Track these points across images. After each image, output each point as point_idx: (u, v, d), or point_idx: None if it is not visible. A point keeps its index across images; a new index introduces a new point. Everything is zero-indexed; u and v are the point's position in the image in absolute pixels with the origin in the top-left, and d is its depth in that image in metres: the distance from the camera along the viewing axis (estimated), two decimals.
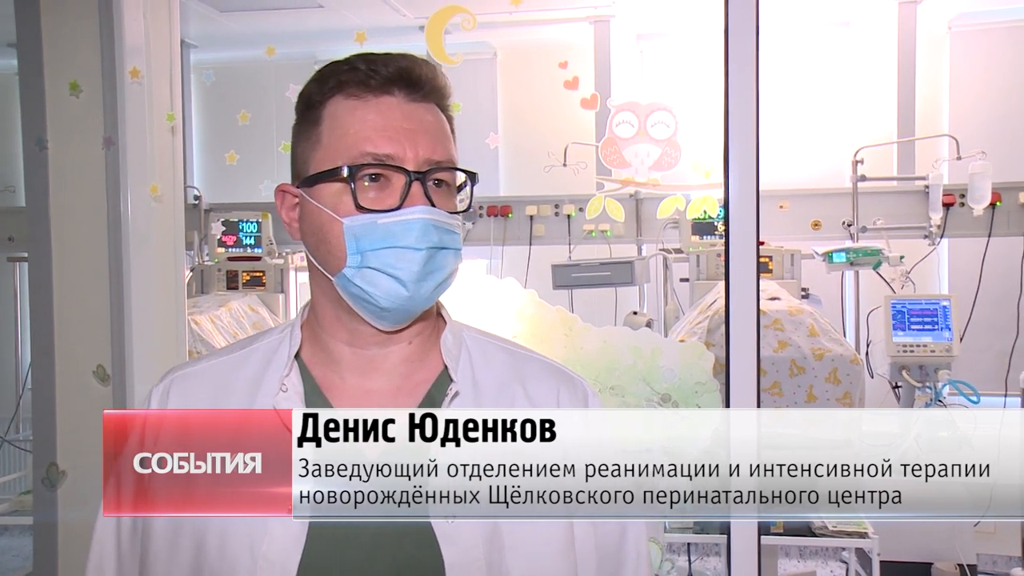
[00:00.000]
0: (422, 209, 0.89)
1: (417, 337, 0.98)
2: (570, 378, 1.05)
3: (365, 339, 0.96)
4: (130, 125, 2.19)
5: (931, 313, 3.39)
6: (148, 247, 2.27)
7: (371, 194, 0.90)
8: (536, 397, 1.00)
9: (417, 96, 0.93)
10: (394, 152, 0.90)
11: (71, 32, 2.18)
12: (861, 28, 4.48)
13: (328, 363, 0.97)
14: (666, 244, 3.70)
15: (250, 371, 0.98)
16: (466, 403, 0.96)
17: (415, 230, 0.89)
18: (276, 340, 1.00)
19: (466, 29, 1.86)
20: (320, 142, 0.93)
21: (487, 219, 3.92)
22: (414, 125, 0.91)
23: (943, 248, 4.16)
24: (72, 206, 2.26)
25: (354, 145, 0.90)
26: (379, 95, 0.92)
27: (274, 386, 0.95)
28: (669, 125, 2.02)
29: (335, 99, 0.93)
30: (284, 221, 0.98)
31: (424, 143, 0.91)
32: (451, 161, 0.94)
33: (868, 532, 2.65)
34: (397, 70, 0.92)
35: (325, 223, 0.91)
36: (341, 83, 0.92)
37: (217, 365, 1.01)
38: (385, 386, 0.96)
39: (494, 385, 0.99)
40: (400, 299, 0.91)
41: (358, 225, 0.90)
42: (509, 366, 1.02)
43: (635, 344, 2.07)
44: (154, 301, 2.30)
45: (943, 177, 3.82)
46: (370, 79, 0.91)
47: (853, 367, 2.79)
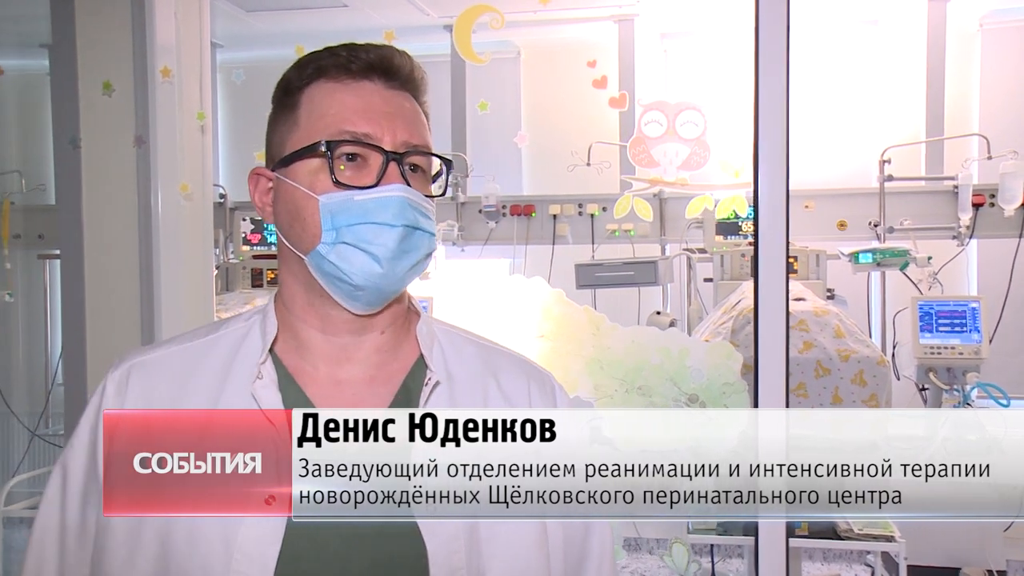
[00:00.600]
0: (398, 187, 0.90)
1: (390, 327, 0.97)
2: (539, 372, 1.06)
3: (338, 326, 0.94)
4: (161, 124, 2.22)
5: (960, 315, 3.35)
6: (178, 244, 2.30)
7: (348, 172, 0.90)
8: (509, 391, 1.00)
9: (395, 84, 0.94)
10: (372, 132, 0.90)
11: (104, 33, 2.21)
12: (890, 26, 4.44)
13: (299, 351, 0.95)
14: (690, 244, 3.69)
15: (217, 358, 0.95)
16: (442, 393, 0.96)
17: (392, 207, 0.89)
18: (244, 327, 0.98)
19: (494, 28, 1.86)
20: (298, 124, 0.93)
21: (510, 218, 3.92)
22: (392, 109, 0.92)
23: (972, 249, 4.11)
24: (104, 204, 2.29)
25: (332, 124, 0.90)
26: (359, 80, 0.92)
27: (245, 373, 0.93)
28: (698, 124, 2.01)
29: (314, 84, 0.93)
30: (256, 205, 0.98)
31: (401, 126, 0.91)
32: (427, 147, 0.94)
33: (895, 535, 2.62)
34: (378, 57, 0.93)
35: (299, 200, 0.91)
36: (321, 68, 0.93)
37: (180, 352, 0.97)
38: (359, 375, 0.95)
39: (467, 377, 0.99)
40: (374, 276, 0.90)
41: (334, 202, 0.89)
42: (480, 358, 1.02)
43: (663, 344, 2.06)
44: (183, 298, 2.32)
45: (972, 177, 3.77)
46: (350, 64, 0.92)
47: (880, 369, 2.76)
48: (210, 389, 0.93)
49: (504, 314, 2.05)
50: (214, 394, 0.93)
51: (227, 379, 0.93)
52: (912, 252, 3.47)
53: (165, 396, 0.93)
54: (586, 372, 2.05)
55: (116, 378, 0.95)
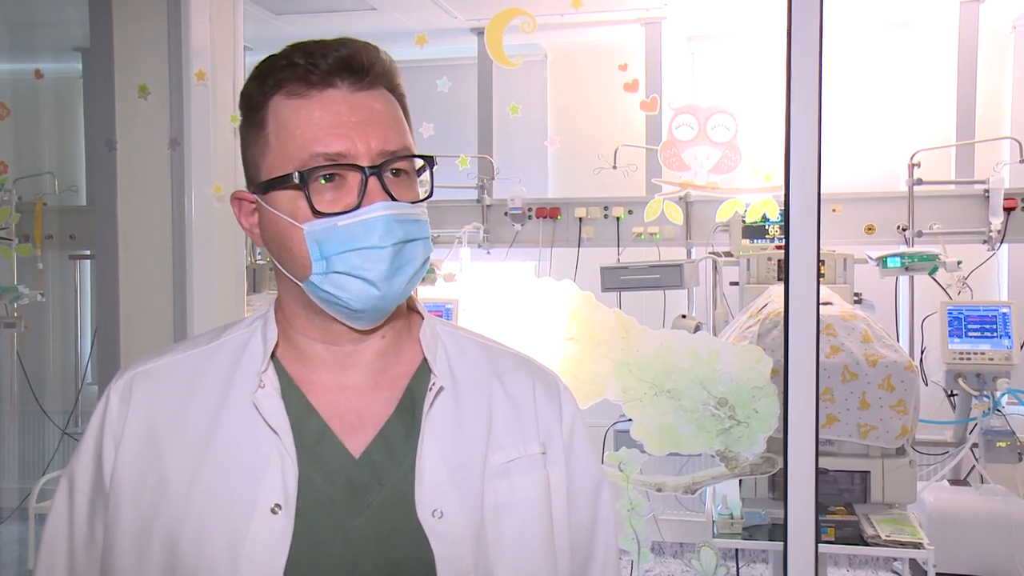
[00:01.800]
0: (382, 205, 0.86)
1: (391, 331, 0.96)
2: (544, 372, 1.05)
3: (339, 336, 0.93)
4: (195, 126, 2.25)
5: (990, 320, 3.32)
6: (210, 245, 2.33)
7: (327, 195, 0.87)
8: (513, 390, 0.99)
9: (362, 84, 0.89)
10: (345, 149, 0.86)
11: (141, 37, 2.25)
12: (920, 29, 4.39)
13: (301, 359, 0.95)
14: (716, 247, 3.67)
15: (220, 366, 0.94)
16: (447, 397, 0.95)
17: (378, 228, 0.86)
18: (245, 334, 0.97)
19: (526, 32, 1.87)
20: (268, 146, 0.89)
21: (536, 221, 3.92)
22: (362, 117, 0.87)
23: (1003, 253, 4.06)
24: (138, 205, 2.33)
25: (303, 147, 0.86)
26: (322, 89, 0.87)
27: (248, 382, 0.91)
28: (729, 128, 2.01)
29: (276, 98, 0.89)
30: (244, 228, 0.95)
31: (375, 135, 0.87)
32: (406, 149, 0.90)
33: (924, 543, 2.59)
34: (337, 60, 0.87)
35: (284, 230, 0.88)
36: (280, 80, 0.88)
37: (183, 360, 0.96)
38: (362, 381, 0.94)
39: (471, 379, 0.98)
40: (372, 299, 0.88)
41: (318, 230, 0.86)
42: (484, 359, 1.01)
43: (692, 347, 2.06)
44: (215, 298, 2.35)
45: (1004, 180, 3.72)
46: (310, 74, 0.87)
47: (908, 374, 2.74)
48: (213, 398, 0.92)
49: (532, 316, 2.05)
50: (217, 403, 0.92)
51: (230, 388, 0.92)
52: (941, 256, 3.43)
53: (168, 405, 0.92)
54: (614, 375, 2.05)
55: (119, 388, 0.94)
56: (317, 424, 0.92)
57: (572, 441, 1.03)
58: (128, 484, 0.90)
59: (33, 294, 3.52)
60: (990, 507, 3.19)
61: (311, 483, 0.89)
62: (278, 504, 0.87)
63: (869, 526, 2.67)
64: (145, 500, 0.89)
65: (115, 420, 0.93)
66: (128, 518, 0.90)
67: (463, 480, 0.92)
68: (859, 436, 2.74)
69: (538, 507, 0.96)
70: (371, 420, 0.93)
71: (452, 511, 0.90)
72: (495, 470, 0.94)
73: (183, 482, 0.88)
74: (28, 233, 3.56)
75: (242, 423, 0.90)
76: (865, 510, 2.78)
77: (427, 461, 0.91)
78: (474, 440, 0.94)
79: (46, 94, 4.33)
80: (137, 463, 0.91)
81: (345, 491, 0.89)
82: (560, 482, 1.00)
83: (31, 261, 3.61)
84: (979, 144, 4.03)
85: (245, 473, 0.88)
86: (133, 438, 0.91)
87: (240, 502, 0.87)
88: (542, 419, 1.00)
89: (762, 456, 2.14)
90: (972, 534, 3.16)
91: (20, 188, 3.62)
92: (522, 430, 0.98)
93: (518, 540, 0.94)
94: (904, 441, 2.77)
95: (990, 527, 3.15)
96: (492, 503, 0.93)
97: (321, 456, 0.90)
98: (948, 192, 3.86)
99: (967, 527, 3.18)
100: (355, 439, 0.92)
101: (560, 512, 1.00)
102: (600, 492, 1.05)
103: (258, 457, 0.88)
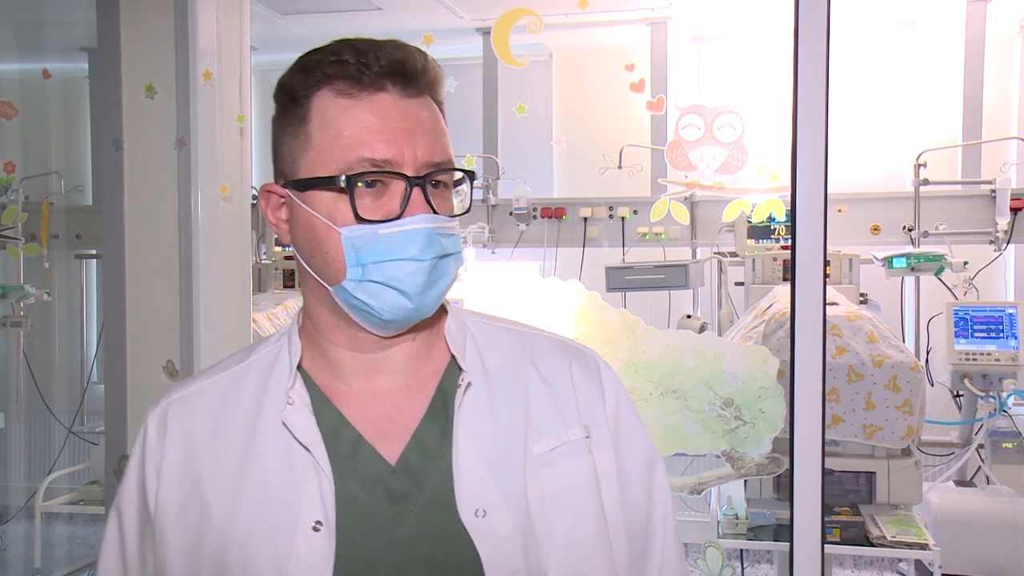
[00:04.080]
0: (424, 218, 0.85)
1: (421, 332, 0.94)
2: (580, 351, 1.01)
3: (367, 344, 0.92)
4: (202, 126, 2.25)
5: (996, 320, 3.31)
6: (217, 245, 2.33)
7: (368, 201, 0.85)
8: (548, 374, 0.96)
9: (412, 91, 0.87)
10: (392, 157, 0.84)
11: (148, 36, 2.25)
12: (927, 28, 4.39)
13: (330, 369, 0.93)
14: (721, 247, 3.67)
15: (250, 386, 0.93)
16: (479, 391, 0.92)
17: (419, 240, 0.85)
18: (273, 351, 0.95)
19: (532, 32, 1.87)
20: (310, 143, 0.87)
21: (541, 221, 3.93)
22: (411, 124, 0.86)
23: (1009, 254, 4.05)
24: (145, 205, 2.33)
25: (349, 149, 0.84)
26: (372, 92, 0.86)
27: (279, 399, 0.90)
28: (736, 128, 2.01)
29: (322, 93, 0.86)
30: (271, 222, 0.93)
31: (422, 144, 0.86)
32: (449, 161, 0.89)
33: (929, 543, 2.58)
34: (391, 64, 0.86)
35: (320, 231, 0.87)
36: (329, 76, 0.86)
37: (213, 384, 0.95)
38: (394, 386, 0.93)
39: (503, 368, 0.95)
40: (404, 311, 0.87)
41: (358, 236, 0.85)
42: (516, 347, 0.98)
43: (698, 348, 2.06)
44: (222, 298, 2.36)
45: (1011, 181, 3.71)
46: (361, 74, 0.85)
47: (913, 374, 2.74)
48: (246, 419, 0.91)
49: (538, 316, 2.05)
50: (251, 424, 0.91)
51: (261, 407, 0.91)
52: (947, 257, 3.42)
53: (203, 431, 0.92)
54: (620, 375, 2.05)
55: (156, 417, 0.95)
56: (351, 434, 0.90)
57: (618, 421, 0.99)
58: (172, 512, 0.91)
59: (39, 293, 3.53)
60: (996, 508, 3.19)
61: (350, 496, 0.87)
62: (319, 521, 0.85)
63: (874, 527, 2.67)
64: (190, 526, 0.89)
65: (154, 449, 0.93)
66: (175, 545, 0.90)
67: (504, 475, 0.89)
68: (865, 437, 2.74)
69: (586, 494, 0.93)
70: (404, 424, 0.91)
71: (495, 508, 0.87)
72: (537, 460, 0.91)
73: (224, 506, 0.88)
74: (35, 232, 3.57)
75: (276, 442, 0.89)
76: (870, 511, 2.78)
77: (464, 459, 0.88)
78: (512, 432, 0.92)
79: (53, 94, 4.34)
80: (179, 490, 0.91)
81: (385, 500, 0.88)
82: (608, 467, 0.96)
83: (37, 260, 3.62)
84: (986, 144, 4.02)
85: (284, 492, 0.87)
86: (172, 466, 0.92)
87: (281, 522, 0.86)
88: (583, 402, 0.96)
89: (768, 457, 2.14)
90: (978, 535, 3.15)
91: (27, 187, 3.63)
92: (562, 416, 0.95)
93: (569, 531, 0.91)
94: (910, 442, 2.77)
95: (996, 528, 3.14)
96: (537, 495, 0.90)
97: (358, 467, 0.89)
98: (954, 192, 3.85)
99: (973, 528, 3.17)
100: (390, 446, 0.90)
101: (611, 496, 0.96)
102: (653, 468, 1.01)
103: (295, 475, 0.87)
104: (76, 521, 4.33)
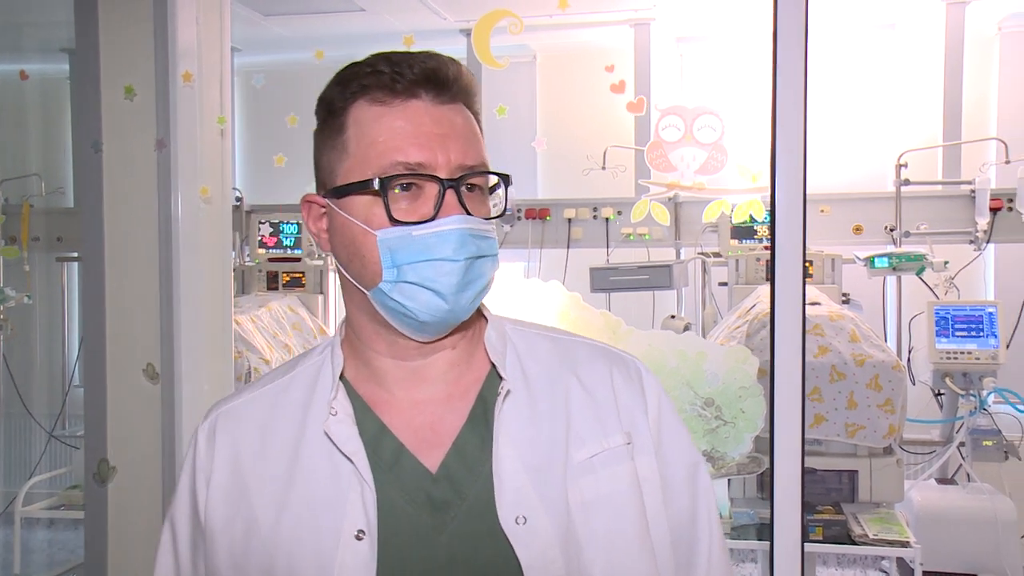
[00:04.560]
0: (458, 219, 0.87)
1: (461, 340, 0.95)
2: (621, 358, 1.01)
3: (407, 351, 0.93)
4: (181, 128, 2.23)
5: (976, 319, 3.34)
6: (197, 248, 2.32)
7: (403, 204, 0.87)
8: (589, 382, 0.97)
9: (445, 98, 0.89)
10: (425, 160, 0.86)
11: (127, 37, 2.23)
12: (907, 30, 4.42)
13: (373, 379, 0.94)
14: (705, 248, 3.68)
15: (295, 398, 0.96)
16: (519, 399, 0.93)
17: (452, 241, 0.86)
18: (317, 362, 0.98)
19: (513, 33, 1.87)
20: (347, 151, 0.89)
21: (525, 222, 3.93)
22: (444, 129, 0.88)
23: (989, 253, 4.08)
24: (125, 207, 2.31)
25: (383, 154, 0.87)
26: (405, 99, 0.88)
27: (322, 410, 0.92)
28: (716, 129, 2.01)
29: (359, 104, 0.89)
30: (312, 232, 0.95)
31: (455, 148, 0.88)
32: (483, 164, 0.91)
33: (911, 541, 2.60)
34: (423, 72, 0.88)
35: (357, 236, 0.89)
36: (364, 87, 0.89)
37: (260, 396, 0.98)
38: (435, 394, 0.94)
39: (544, 376, 0.96)
40: (440, 312, 0.88)
41: (393, 238, 0.87)
42: (556, 354, 0.99)
43: (680, 348, 2.06)
44: (202, 301, 2.34)
45: (990, 181, 3.75)
46: (395, 83, 0.88)
47: (895, 373, 2.76)
48: (292, 430, 0.93)
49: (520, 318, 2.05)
50: (296, 435, 0.93)
51: (306, 418, 0.93)
52: (928, 257, 3.45)
53: (251, 442, 0.95)
54: None
55: (206, 429, 0.98)
56: (392, 444, 0.91)
57: (660, 428, 0.99)
58: (221, 522, 0.93)
59: (20, 296, 3.50)
60: (976, 505, 3.21)
61: (392, 505, 0.89)
62: (361, 530, 0.87)
63: (857, 525, 2.69)
64: (238, 537, 0.91)
65: (204, 460, 0.96)
66: (224, 554, 0.92)
67: (544, 482, 0.90)
68: (847, 436, 2.75)
69: (628, 500, 0.93)
70: (445, 433, 0.92)
71: (535, 515, 0.88)
72: (578, 467, 0.92)
73: (270, 516, 0.90)
74: (15, 235, 3.54)
75: (320, 452, 0.91)
76: (853, 509, 2.80)
77: (504, 467, 0.89)
78: (552, 439, 0.92)
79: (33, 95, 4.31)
80: (227, 501, 0.93)
81: (426, 509, 0.89)
82: (651, 473, 0.97)
83: (17, 263, 3.59)
84: (965, 145, 4.05)
85: (327, 502, 0.89)
86: (221, 477, 0.94)
87: (325, 531, 0.88)
88: (624, 408, 0.97)
89: (749, 456, 2.15)
90: (959, 532, 3.18)
91: (6, 190, 3.60)
92: (603, 422, 0.95)
93: (611, 537, 0.91)
94: (891, 440, 2.79)
95: (977, 525, 3.17)
96: (578, 502, 0.91)
97: (400, 476, 0.90)
98: (935, 192, 3.89)
99: (954, 525, 3.19)
100: (431, 454, 0.91)
101: (654, 502, 0.96)
102: (697, 476, 1.01)
103: (338, 485, 0.89)
104: (57, 526, 4.30)
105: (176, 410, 2.29)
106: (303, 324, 3.93)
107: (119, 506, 2.35)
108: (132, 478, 2.35)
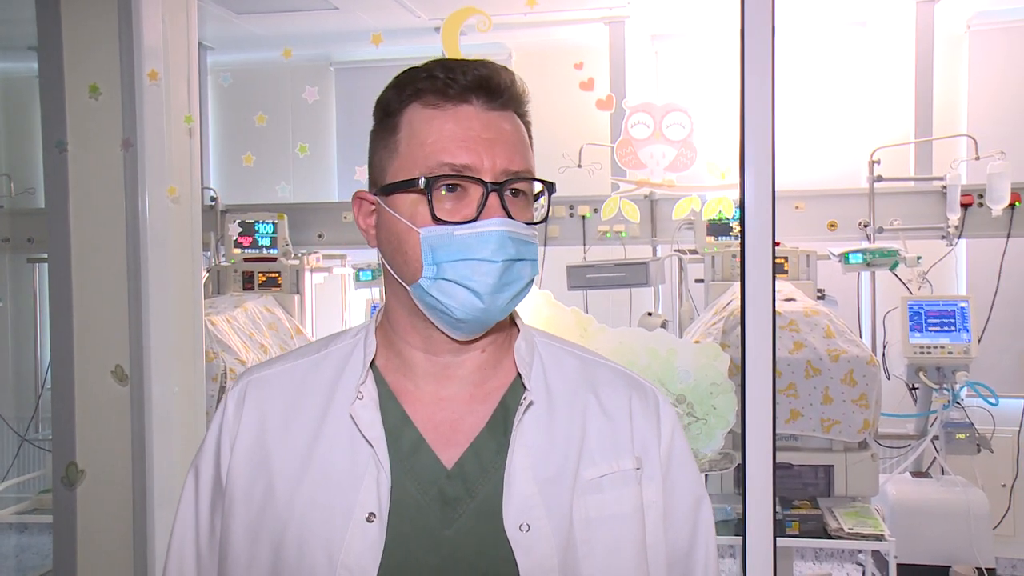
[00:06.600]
0: (498, 221, 0.89)
1: (491, 345, 0.98)
2: (641, 385, 1.04)
3: (440, 346, 0.96)
4: (148, 127, 2.20)
5: (949, 314, 3.37)
6: (166, 248, 2.29)
7: (447, 205, 0.90)
8: (608, 404, 1.00)
9: (495, 105, 0.92)
10: (471, 163, 0.89)
11: (91, 35, 2.19)
12: (878, 28, 4.46)
13: (402, 369, 0.97)
14: (681, 245, 3.69)
15: (325, 376, 0.98)
16: (539, 411, 0.96)
17: (492, 242, 0.89)
18: (350, 344, 1.01)
19: (481, 31, 1.86)
20: (397, 151, 0.93)
21: None
22: (492, 135, 0.91)
23: (961, 249, 4.13)
24: (91, 207, 2.28)
25: (431, 155, 0.90)
26: (457, 104, 0.91)
27: (349, 392, 0.95)
28: (685, 126, 2.02)
29: (413, 107, 0.93)
30: (360, 227, 0.98)
31: (502, 153, 0.90)
32: (529, 171, 0.93)
33: (885, 534, 2.62)
34: (476, 78, 0.91)
35: (402, 232, 0.91)
36: (419, 91, 0.92)
37: (292, 369, 1.01)
38: (459, 393, 0.96)
39: (566, 392, 0.99)
40: (475, 311, 0.90)
41: (434, 236, 0.89)
42: (580, 372, 1.02)
43: (651, 345, 2.06)
44: (172, 301, 2.31)
45: (961, 177, 3.79)
46: (448, 88, 0.91)
47: (869, 368, 2.78)
48: (318, 407, 0.96)
49: None
50: (321, 412, 0.96)
51: (333, 398, 0.96)
52: (902, 252, 3.48)
53: (277, 412, 0.97)
54: None
55: (236, 393, 1.01)
56: (413, 435, 0.94)
57: (671, 459, 1.02)
58: (240, 485, 0.96)
59: None
60: (950, 498, 3.25)
61: (404, 493, 0.91)
62: (372, 513, 0.90)
63: (832, 519, 2.70)
64: (254, 501, 0.94)
65: (231, 423, 0.99)
66: (240, 517, 0.95)
67: (552, 494, 0.92)
68: (822, 431, 2.77)
69: (630, 523, 0.96)
70: (465, 432, 0.95)
71: (539, 525, 0.91)
72: (586, 485, 0.95)
73: (287, 488, 0.93)
74: None
75: (342, 433, 0.94)
76: (829, 503, 2.81)
77: (516, 474, 0.92)
78: (566, 454, 0.95)
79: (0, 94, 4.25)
80: (248, 465, 0.96)
81: (437, 502, 0.92)
82: (655, 500, 0.99)
83: None
84: (937, 142, 4.09)
85: (343, 482, 0.92)
86: (246, 442, 0.97)
87: (338, 510, 0.90)
88: (638, 434, 1.00)
89: (721, 452, 2.15)
90: (933, 525, 3.21)
91: None
92: (616, 445, 0.98)
93: (609, 557, 0.94)
94: (866, 435, 2.81)
95: (950, 517, 3.20)
96: (582, 518, 0.93)
97: (415, 467, 0.93)
98: (908, 189, 3.92)
99: (928, 518, 3.23)
100: (448, 451, 0.94)
101: (655, 529, 0.99)
102: (700, 510, 1.04)
103: (356, 467, 0.92)
104: (31, 531, 4.24)
105: (146, 412, 2.26)
106: (279, 324, 3.89)
107: (88, 510, 2.32)
108: (102, 481, 2.32)
